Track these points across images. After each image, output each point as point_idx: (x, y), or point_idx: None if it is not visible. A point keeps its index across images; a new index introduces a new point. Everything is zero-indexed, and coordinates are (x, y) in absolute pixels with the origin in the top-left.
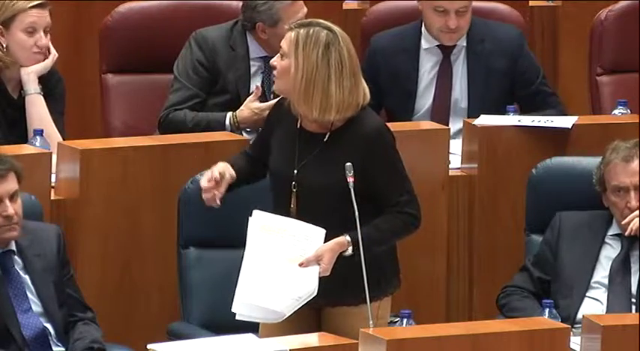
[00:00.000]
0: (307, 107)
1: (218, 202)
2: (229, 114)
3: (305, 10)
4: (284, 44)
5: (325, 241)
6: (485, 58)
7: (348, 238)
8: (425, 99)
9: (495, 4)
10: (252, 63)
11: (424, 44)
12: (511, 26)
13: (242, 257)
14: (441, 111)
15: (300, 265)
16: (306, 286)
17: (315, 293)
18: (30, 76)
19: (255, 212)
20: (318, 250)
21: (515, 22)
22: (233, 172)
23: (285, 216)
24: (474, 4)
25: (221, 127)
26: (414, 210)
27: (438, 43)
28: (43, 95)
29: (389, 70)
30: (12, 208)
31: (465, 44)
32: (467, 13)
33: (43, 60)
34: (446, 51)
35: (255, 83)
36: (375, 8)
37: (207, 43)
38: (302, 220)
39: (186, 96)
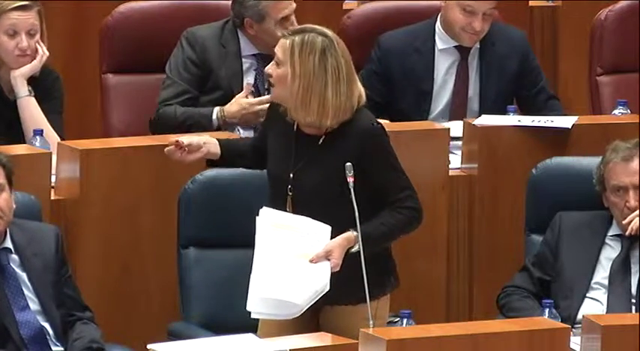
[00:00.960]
0: (305, 114)
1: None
2: (217, 108)
3: (293, 6)
4: (279, 52)
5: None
6: (497, 60)
7: (355, 233)
8: (440, 100)
9: None
10: (244, 60)
11: (439, 44)
12: (514, 27)
13: (251, 256)
14: (458, 112)
15: (311, 261)
16: (319, 279)
17: (328, 288)
18: (17, 79)
19: (263, 210)
20: (327, 246)
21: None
22: (217, 151)
23: None
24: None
25: (209, 121)
26: (415, 204)
27: (455, 44)
28: (42, 95)
29: (403, 71)
30: None
31: (478, 46)
32: (491, 17)
33: (30, 62)
34: (464, 52)
35: (248, 80)
36: (358, 11)
37: (197, 41)
38: None
39: (177, 92)
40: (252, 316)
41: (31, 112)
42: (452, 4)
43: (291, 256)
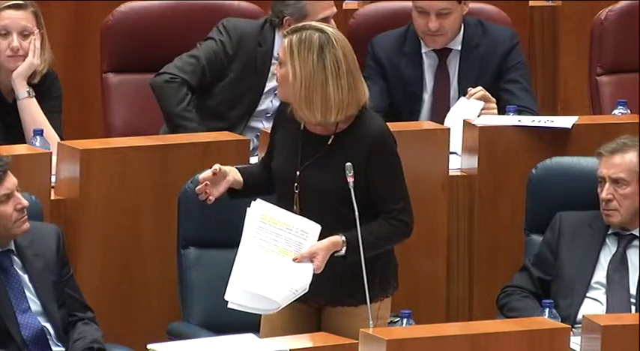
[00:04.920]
0: (310, 112)
1: (212, 198)
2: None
3: (334, 9)
4: (280, 52)
5: (321, 239)
6: (477, 62)
7: (343, 238)
8: (427, 101)
9: (482, 5)
10: (274, 61)
11: (423, 48)
12: (506, 28)
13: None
14: (439, 113)
15: (294, 260)
16: (300, 280)
17: (307, 289)
18: (16, 80)
19: (256, 202)
20: (312, 247)
21: (503, 22)
22: (239, 178)
23: None
24: None
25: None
26: (408, 219)
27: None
28: (41, 95)
29: (393, 72)
30: (24, 200)
31: (459, 48)
32: (450, 15)
33: (22, 61)
34: (441, 55)
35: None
36: (362, 11)
37: (236, 31)
38: None
39: (193, 67)
40: (229, 306)
41: (32, 113)
42: (412, 8)
43: (276, 253)
